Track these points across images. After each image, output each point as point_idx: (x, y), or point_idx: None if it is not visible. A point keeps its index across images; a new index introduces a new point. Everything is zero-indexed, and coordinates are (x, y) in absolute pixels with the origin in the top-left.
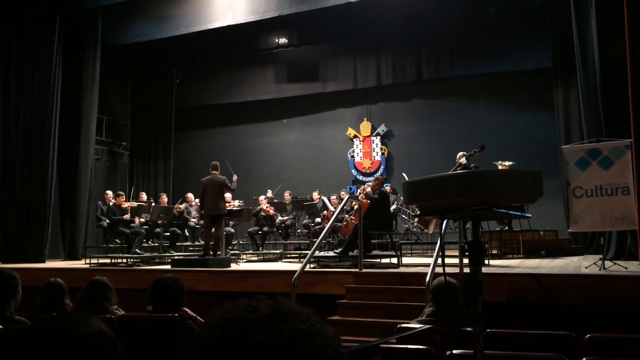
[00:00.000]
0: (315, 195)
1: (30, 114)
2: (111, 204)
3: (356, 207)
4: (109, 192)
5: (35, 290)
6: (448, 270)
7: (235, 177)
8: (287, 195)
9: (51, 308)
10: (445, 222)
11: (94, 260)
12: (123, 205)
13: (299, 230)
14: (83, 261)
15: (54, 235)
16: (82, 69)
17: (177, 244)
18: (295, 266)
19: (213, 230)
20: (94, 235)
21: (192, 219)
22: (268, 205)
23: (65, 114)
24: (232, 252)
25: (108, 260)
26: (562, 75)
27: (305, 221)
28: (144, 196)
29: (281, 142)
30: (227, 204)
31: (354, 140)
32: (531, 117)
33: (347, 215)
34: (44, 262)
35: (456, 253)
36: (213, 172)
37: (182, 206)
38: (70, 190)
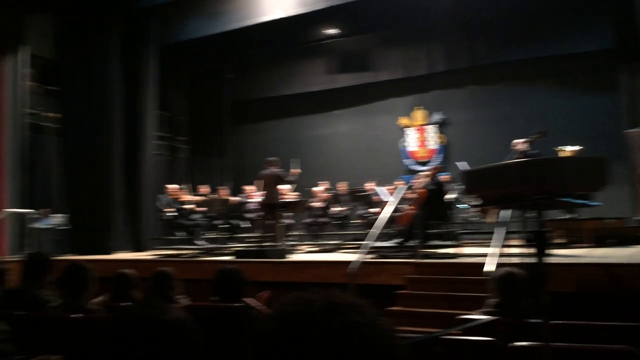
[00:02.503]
0: (370, 185)
1: (94, 113)
2: (172, 197)
3: (413, 196)
4: (171, 186)
5: (104, 281)
6: (511, 260)
7: (296, 171)
8: (342, 186)
9: (121, 298)
10: (506, 211)
11: (158, 252)
12: (183, 199)
13: (354, 221)
14: (148, 253)
15: (120, 228)
16: (141, 67)
17: (237, 235)
18: (353, 257)
19: (270, 221)
20: (157, 227)
21: (250, 210)
22: (322, 191)
23: (127, 111)
24: (289, 243)
25: (172, 252)
26: (626, 57)
27: (361, 212)
28: (203, 190)
29: (334, 133)
30: (283, 196)
31: (408, 129)
32: (593, 100)
33: (404, 205)
34: (111, 254)
35: (518, 243)
36: (270, 166)
37: (238, 198)
38: (134, 184)
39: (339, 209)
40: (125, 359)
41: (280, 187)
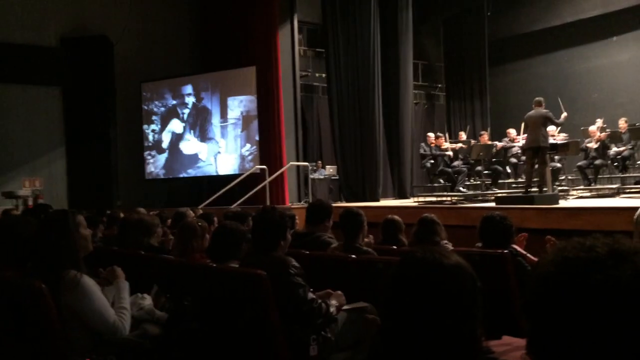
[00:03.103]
0: None
1: (355, 67)
2: (432, 145)
3: None
4: (431, 134)
5: (374, 226)
6: None
7: (564, 115)
8: (622, 123)
9: (390, 241)
10: None
11: (421, 199)
12: (443, 146)
13: (639, 162)
14: (411, 199)
15: (385, 176)
16: (397, 17)
17: (499, 181)
18: (637, 202)
19: (537, 165)
20: (419, 175)
21: (515, 155)
22: (598, 130)
23: (385, 63)
24: (559, 188)
25: (434, 199)
26: None
27: None
28: (463, 136)
29: (611, 63)
30: (551, 137)
31: None
32: None
33: None
34: (378, 200)
35: None
36: (536, 107)
37: (502, 143)
38: (395, 134)
39: (619, 149)
40: (407, 299)
41: (548, 128)
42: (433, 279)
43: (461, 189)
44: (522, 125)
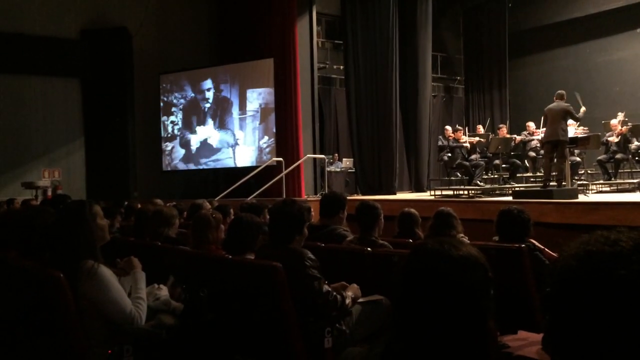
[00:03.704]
0: None
1: (373, 59)
2: (450, 138)
3: None
4: (448, 128)
5: (390, 219)
6: None
7: (583, 110)
8: None
9: (406, 234)
10: None
11: (437, 192)
12: (461, 140)
13: None
14: (428, 193)
15: (401, 169)
16: (416, 9)
17: (517, 175)
18: None
19: (555, 160)
20: (436, 168)
21: (534, 148)
22: (619, 123)
23: (404, 55)
24: (579, 182)
25: (451, 192)
26: None
27: None
28: (481, 129)
29: (635, 55)
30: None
31: None
32: None
33: None
34: (394, 194)
35: None
36: (558, 100)
37: (520, 137)
38: (412, 127)
39: None
40: (417, 291)
41: (569, 122)
42: (442, 270)
43: (478, 182)
44: (542, 118)
